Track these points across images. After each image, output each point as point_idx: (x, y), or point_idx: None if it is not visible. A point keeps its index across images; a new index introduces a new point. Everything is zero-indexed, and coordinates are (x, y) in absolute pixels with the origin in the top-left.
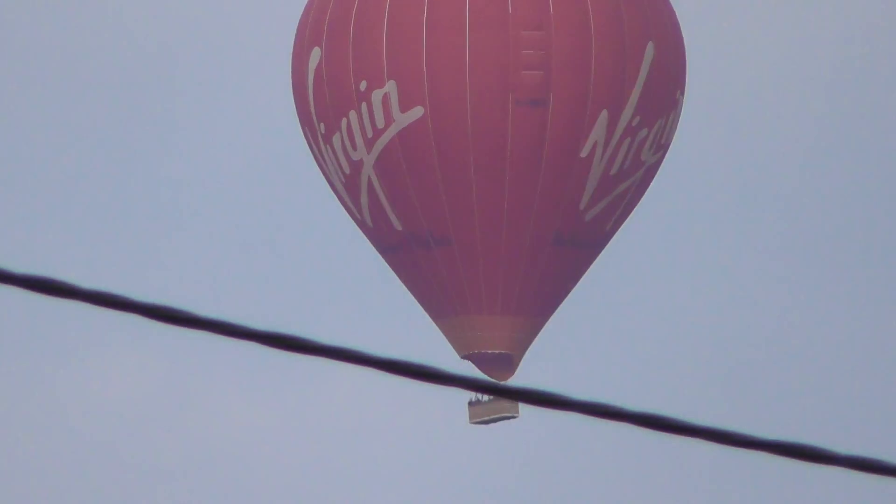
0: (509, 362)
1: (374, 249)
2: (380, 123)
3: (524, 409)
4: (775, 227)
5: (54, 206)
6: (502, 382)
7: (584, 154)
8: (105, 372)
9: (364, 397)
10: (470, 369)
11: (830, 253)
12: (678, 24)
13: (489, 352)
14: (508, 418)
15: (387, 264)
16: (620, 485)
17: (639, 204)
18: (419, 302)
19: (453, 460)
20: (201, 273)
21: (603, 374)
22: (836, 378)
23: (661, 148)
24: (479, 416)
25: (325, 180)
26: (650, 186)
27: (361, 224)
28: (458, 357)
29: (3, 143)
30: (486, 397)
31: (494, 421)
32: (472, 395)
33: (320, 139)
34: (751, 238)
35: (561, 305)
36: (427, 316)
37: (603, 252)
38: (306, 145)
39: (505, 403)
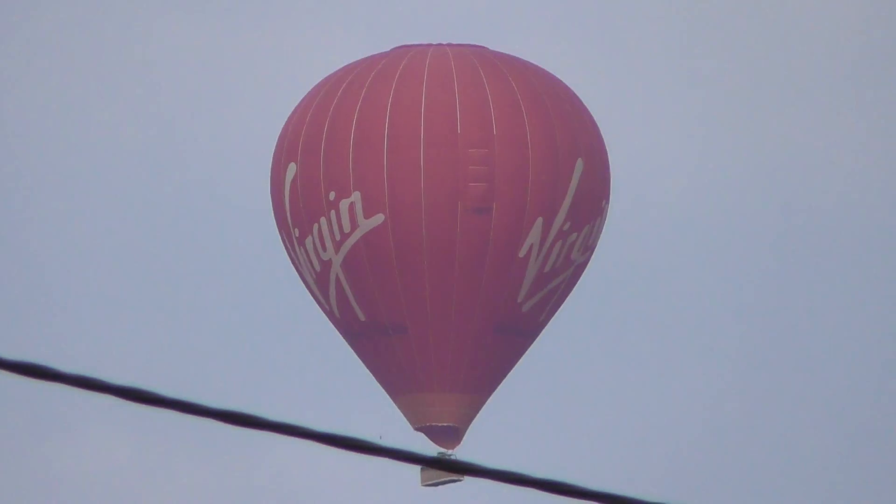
0: (456, 433)
1: (340, 336)
2: (346, 228)
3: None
4: (686, 318)
5: (43, 295)
6: (449, 451)
7: (521, 254)
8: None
9: (316, 465)
10: (422, 439)
11: (744, 350)
12: (604, 142)
13: (438, 424)
14: (454, 481)
15: (351, 349)
16: None
17: (569, 297)
18: (379, 381)
19: None
20: (183, 357)
21: (536, 444)
22: (755, 455)
23: (589, 249)
24: (429, 479)
25: (298, 277)
26: (579, 282)
27: (330, 314)
28: (412, 428)
29: None
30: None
31: (443, 483)
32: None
33: (295, 242)
34: (664, 330)
35: (501, 385)
36: (386, 394)
37: (538, 339)
38: (283, 247)
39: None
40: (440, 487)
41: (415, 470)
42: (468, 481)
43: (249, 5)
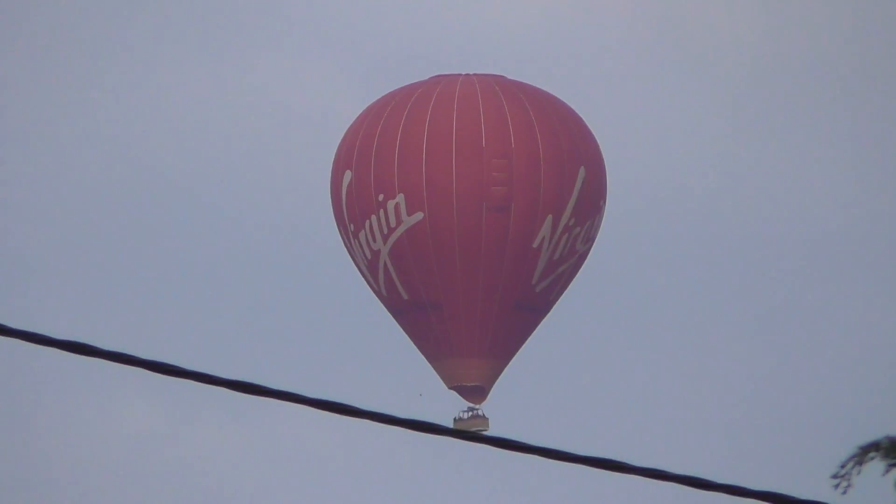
0: (482, 392)
1: (387, 312)
2: (393, 224)
3: (493, 424)
4: (674, 296)
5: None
6: (476, 405)
7: (535, 245)
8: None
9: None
10: (454, 396)
11: (719, 323)
12: (601, 153)
13: (467, 384)
14: (481, 431)
15: (396, 323)
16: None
17: (574, 279)
18: (419, 349)
19: (440, 466)
20: (261, 333)
21: (549, 401)
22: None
23: (590, 240)
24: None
25: (353, 264)
26: (583, 267)
27: (379, 294)
28: (446, 388)
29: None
30: (466, 415)
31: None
32: (456, 414)
33: (350, 235)
34: (656, 306)
35: (519, 351)
36: (424, 359)
37: (549, 314)
38: (340, 239)
39: (478, 420)
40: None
41: (448, 422)
42: (493, 430)
43: (309, 46)
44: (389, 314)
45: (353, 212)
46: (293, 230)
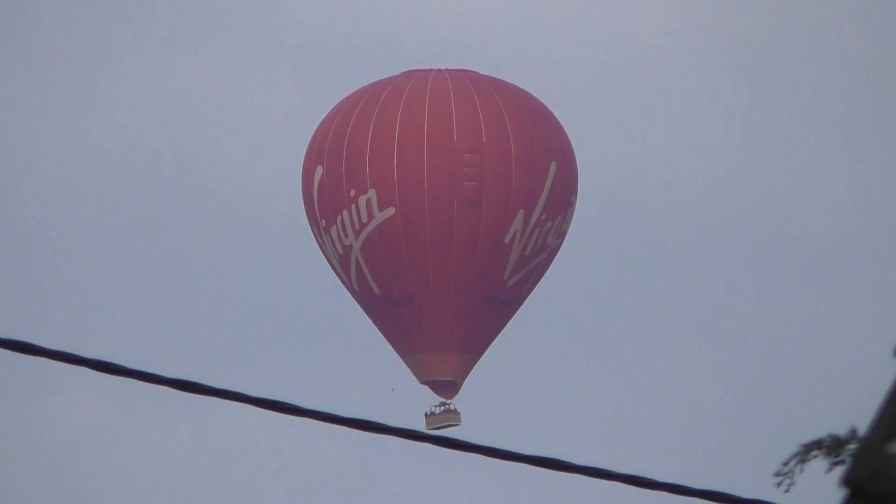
0: (454, 386)
1: (359, 307)
2: (364, 219)
3: (466, 419)
4: (645, 290)
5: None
6: (448, 400)
7: (506, 240)
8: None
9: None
10: (425, 391)
11: (693, 322)
12: (573, 148)
13: (439, 379)
14: (454, 425)
15: (368, 318)
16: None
17: (546, 274)
18: (391, 344)
19: (411, 457)
20: (228, 331)
21: (520, 396)
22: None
23: (561, 235)
24: (433, 424)
25: (325, 259)
26: (554, 261)
27: (351, 290)
28: (417, 382)
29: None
30: (438, 410)
31: (444, 427)
32: (427, 409)
33: (322, 231)
34: (626, 301)
35: (491, 346)
36: (396, 353)
37: (520, 308)
38: (312, 235)
39: (451, 415)
40: (441, 430)
41: (419, 420)
42: (465, 426)
43: (280, 42)
44: (361, 309)
45: (324, 207)
46: (264, 226)
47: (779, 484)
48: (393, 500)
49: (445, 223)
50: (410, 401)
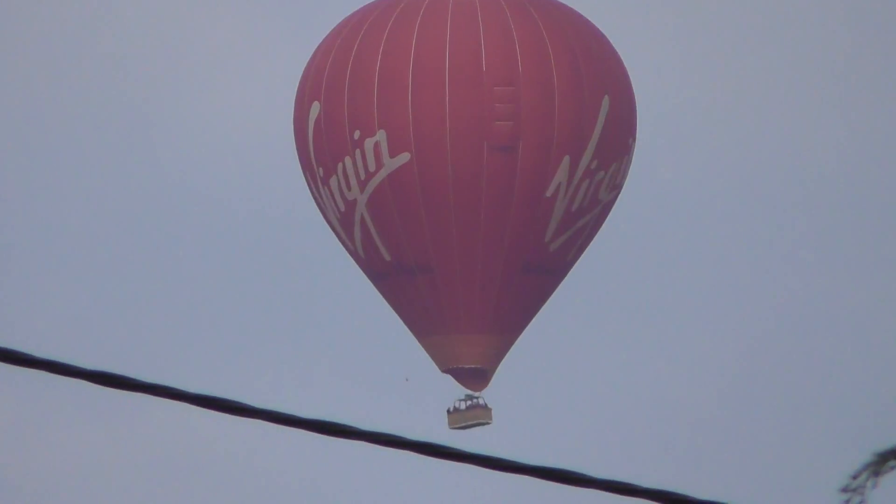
0: (483, 376)
1: (365, 277)
2: (371, 167)
3: (497, 416)
4: (714, 254)
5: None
6: (476, 393)
7: (548, 194)
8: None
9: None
10: (449, 381)
11: (775, 284)
12: (629, 79)
13: (466, 366)
14: (483, 424)
15: (376, 290)
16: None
17: (597, 236)
18: (405, 323)
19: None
20: (207, 295)
21: (565, 386)
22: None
23: (616, 187)
24: (457, 423)
25: (322, 217)
26: (606, 220)
27: (354, 255)
28: (439, 371)
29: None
30: (464, 405)
31: (471, 426)
32: (451, 404)
33: (319, 182)
34: (692, 266)
35: (529, 325)
36: (412, 335)
37: (566, 278)
38: (307, 187)
39: (479, 411)
40: (469, 430)
41: (440, 418)
42: (497, 424)
43: None
44: (368, 279)
45: (322, 153)
46: (248, 175)
47: (847, 502)
48: None
49: (472, 173)
50: (429, 394)
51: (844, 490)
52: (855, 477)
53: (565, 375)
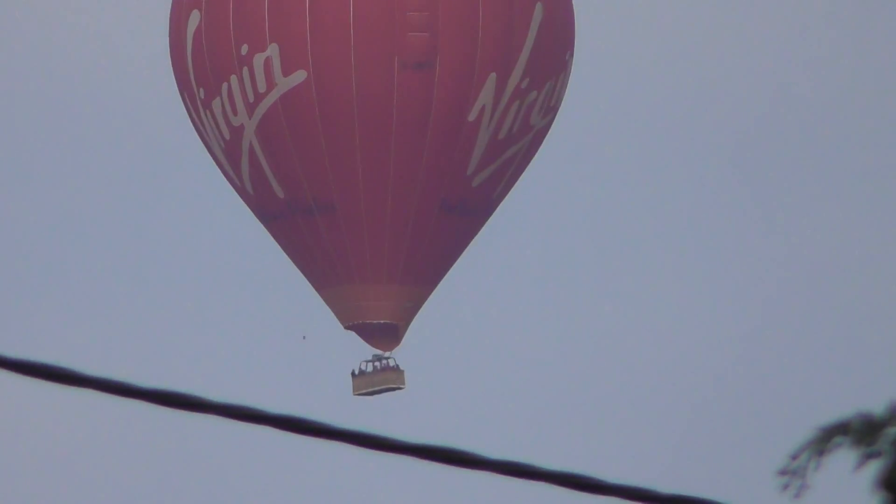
0: (395, 332)
1: (255, 218)
2: (262, 88)
3: (411, 380)
4: (664, 190)
5: None
6: (386, 353)
7: (471, 118)
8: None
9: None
10: (353, 340)
11: (724, 231)
12: None
13: (374, 322)
14: (394, 389)
15: (268, 233)
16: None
17: (527, 168)
18: (302, 271)
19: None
20: (80, 237)
21: (487, 344)
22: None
23: (551, 111)
24: (364, 388)
25: (203, 147)
26: (539, 150)
27: (242, 192)
28: (342, 327)
29: None
30: (371, 367)
31: (380, 392)
32: (356, 367)
33: (199, 104)
34: (634, 205)
35: (447, 274)
36: (310, 285)
37: (490, 219)
38: (185, 111)
39: (389, 374)
40: (376, 397)
41: (344, 382)
42: (411, 389)
43: None
44: (257, 220)
45: (202, 71)
46: (116, 97)
47: (785, 486)
48: None
49: (381, 94)
50: (330, 354)
51: (783, 473)
52: (795, 457)
53: (488, 333)
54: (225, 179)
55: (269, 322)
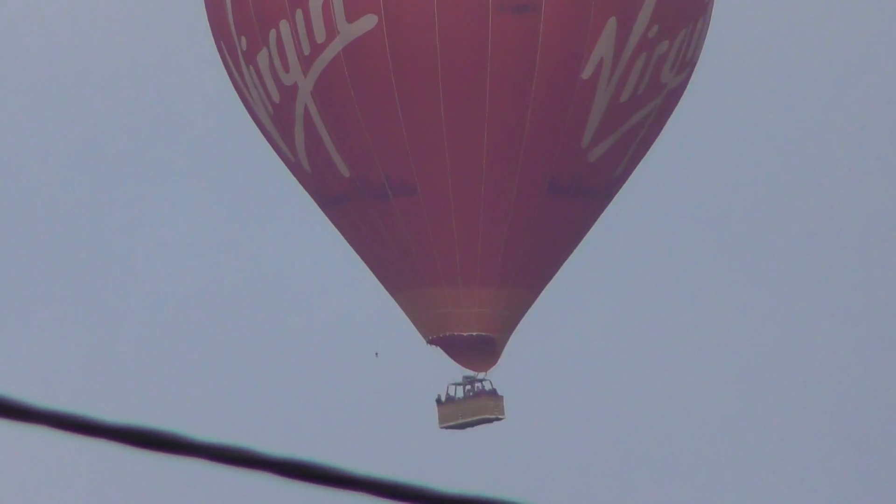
0: (490, 348)
1: (312, 201)
2: (319, 37)
3: (511, 408)
4: (826, 166)
5: None
6: (480, 375)
7: (586, 75)
8: None
9: None
10: (438, 356)
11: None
12: None
13: (464, 334)
14: (491, 420)
15: (329, 221)
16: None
17: (657, 139)
18: (372, 270)
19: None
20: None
21: (605, 365)
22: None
23: (686, 66)
24: (453, 419)
25: (245, 111)
26: (671, 116)
27: (295, 168)
28: (423, 342)
29: None
30: (460, 393)
31: (473, 424)
32: (443, 392)
33: (241, 58)
34: (796, 182)
35: (557, 274)
36: (383, 288)
37: (612, 203)
38: (221, 65)
39: (485, 401)
40: (468, 430)
41: (428, 411)
42: (511, 420)
43: None
44: (315, 204)
45: (244, 16)
46: (141, 48)
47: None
48: None
49: (472, 45)
50: (410, 376)
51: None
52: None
53: (607, 348)
54: (273, 153)
55: (332, 335)
